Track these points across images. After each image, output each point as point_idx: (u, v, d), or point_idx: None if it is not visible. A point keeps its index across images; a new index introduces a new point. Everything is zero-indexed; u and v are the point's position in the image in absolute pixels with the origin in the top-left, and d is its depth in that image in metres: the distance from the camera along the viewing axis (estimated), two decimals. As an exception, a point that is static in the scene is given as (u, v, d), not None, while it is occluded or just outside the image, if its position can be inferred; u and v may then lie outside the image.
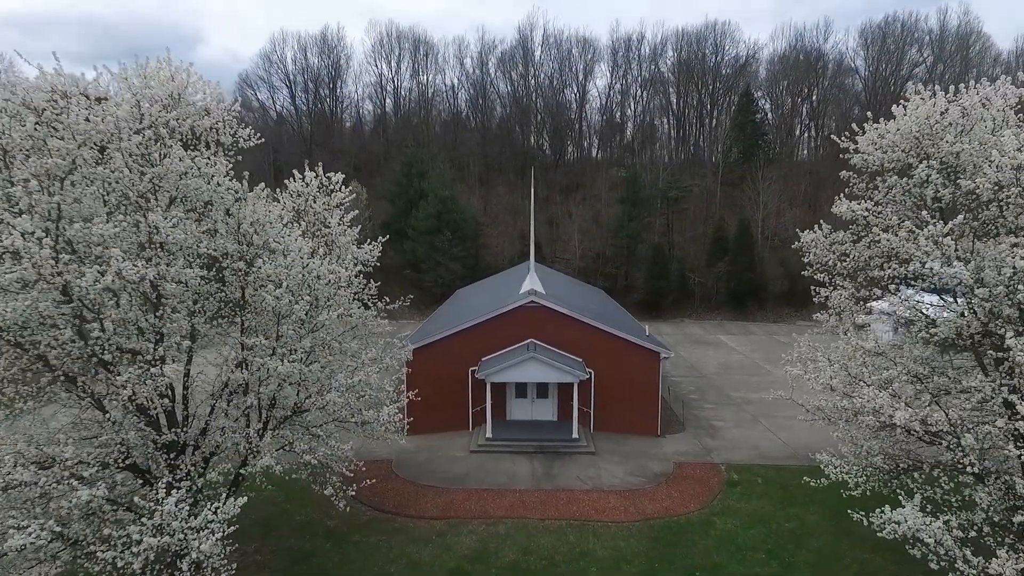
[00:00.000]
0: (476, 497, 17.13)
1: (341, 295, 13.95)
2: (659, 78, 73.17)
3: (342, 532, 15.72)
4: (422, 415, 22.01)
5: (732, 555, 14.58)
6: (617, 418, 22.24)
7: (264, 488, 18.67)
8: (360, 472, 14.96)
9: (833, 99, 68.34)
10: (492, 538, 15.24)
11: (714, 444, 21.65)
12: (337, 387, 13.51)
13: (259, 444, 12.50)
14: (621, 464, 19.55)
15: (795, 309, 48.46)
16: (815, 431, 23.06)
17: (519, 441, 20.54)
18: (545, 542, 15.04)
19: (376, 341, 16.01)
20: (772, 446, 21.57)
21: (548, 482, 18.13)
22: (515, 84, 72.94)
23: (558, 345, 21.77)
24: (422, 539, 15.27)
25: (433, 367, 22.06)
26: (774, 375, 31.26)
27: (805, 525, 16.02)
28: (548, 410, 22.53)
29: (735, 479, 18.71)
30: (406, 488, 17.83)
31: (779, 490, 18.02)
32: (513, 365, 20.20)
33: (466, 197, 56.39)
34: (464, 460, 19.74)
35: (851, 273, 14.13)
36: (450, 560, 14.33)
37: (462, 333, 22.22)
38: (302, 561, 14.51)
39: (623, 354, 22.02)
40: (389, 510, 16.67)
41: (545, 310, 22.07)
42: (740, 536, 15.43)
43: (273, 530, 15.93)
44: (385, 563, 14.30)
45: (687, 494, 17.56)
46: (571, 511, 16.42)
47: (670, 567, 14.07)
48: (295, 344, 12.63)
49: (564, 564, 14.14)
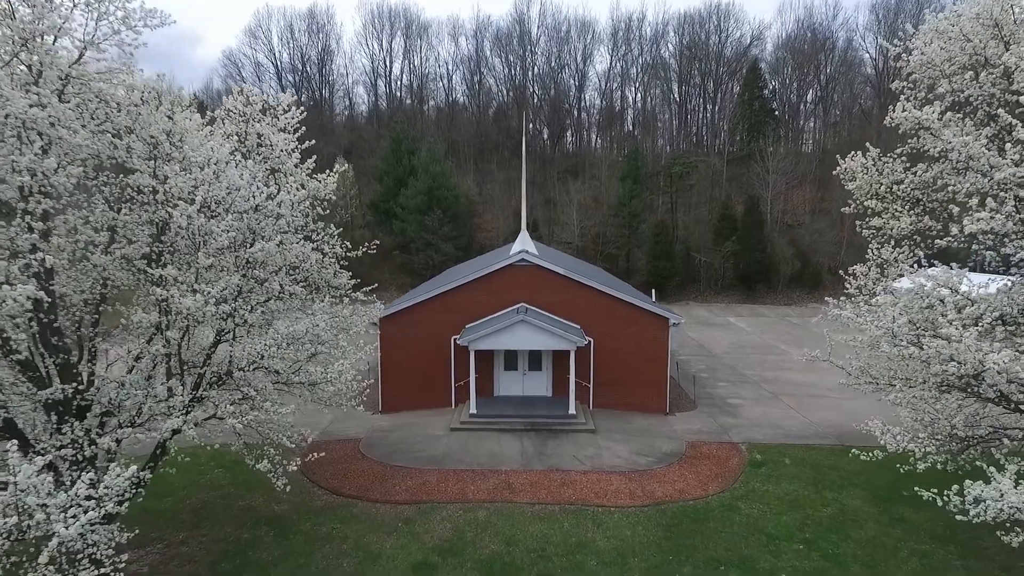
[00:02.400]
0: (453, 479, 14.45)
1: (280, 224, 11.29)
2: (661, 63, 70.37)
3: (290, 520, 13.05)
4: (398, 391, 19.36)
5: (763, 546, 11.90)
6: (620, 394, 19.55)
7: (205, 468, 16.09)
8: (308, 446, 12.30)
9: (842, 79, 65.63)
10: (469, 526, 12.57)
11: (731, 422, 18.97)
12: (274, 337, 10.86)
13: (171, 404, 9.83)
14: (625, 443, 16.86)
15: (807, 292, 45.80)
16: (844, 410, 20.49)
17: (507, 418, 17.84)
18: (534, 530, 12.36)
19: (334, 292, 13.35)
20: (797, 425, 18.89)
21: (539, 462, 15.45)
22: (511, 65, 70.25)
23: (553, 310, 19.10)
24: (385, 527, 12.60)
25: (410, 337, 19.39)
26: (790, 355, 28.64)
27: (846, 511, 13.35)
28: (542, 384, 19.84)
29: (758, 459, 16.04)
30: (372, 469, 15.15)
31: (810, 471, 15.36)
32: (501, 330, 17.52)
33: (461, 179, 53.71)
34: (443, 439, 17.05)
35: (911, 198, 11.43)
36: (416, 552, 11.66)
37: (443, 297, 19.52)
38: (236, 554, 11.83)
39: (627, 321, 19.34)
40: (349, 494, 14.00)
41: (538, 270, 19.38)
42: (770, 523, 12.76)
43: (209, 517, 13.26)
44: (336, 556, 11.62)
45: (704, 475, 14.88)
46: (566, 494, 13.74)
47: (688, 560, 11.39)
48: (219, 281, 9.94)
49: (557, 557, 11.46)
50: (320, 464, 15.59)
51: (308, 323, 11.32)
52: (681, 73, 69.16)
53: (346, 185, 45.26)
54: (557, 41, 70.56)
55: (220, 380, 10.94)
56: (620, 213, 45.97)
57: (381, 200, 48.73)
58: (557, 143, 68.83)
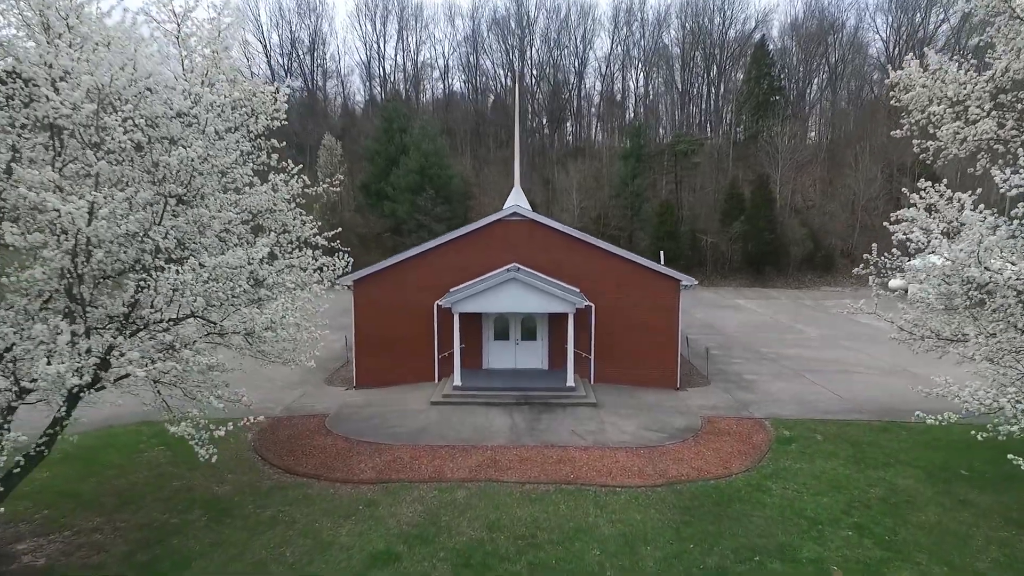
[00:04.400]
0: (429, 456, 12.25)
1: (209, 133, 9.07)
2: (663, 51, 68.05)
3: (231, 502, 10.85)
4: (375, 364, 17.17)
5: (804, 532, 9.69)
6: (625, 367, 17.34)
7: (147, 445, 13.91)
8: (267, 421, 10.10)
9: (851, 63, 63.37)
10: (445, 508, 10.36)
11: (751, 398, 16.76)
12: (195, 269, 8.64)
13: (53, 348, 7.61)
14: (632, 417, 14.65)
15: (819, 275, 43.59)
16: (878, 386, 18.26)
17: (496, 391, 15.63)
18: (523, 514, 10.16)
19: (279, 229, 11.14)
20: (826, 400, 16.69)
21: (532, 437, 13.24)
22: (509, 49, 67.97)
23: (550, 272, 16.89)
24: (342, 510, 10.39)
25: (388, 303, 17.19)
26: (808, 334, 26.51)
27: (897, 492, 11.13)
28: (536, 355, 17.62)
29: (787, 435, 13.84)
30: (335, 446, 12.95)
31: (848, 448, 13.15)
32: (489, 289, 15.30)
33: (457, 160, 51.46)
34: (422, 414, 14.84)
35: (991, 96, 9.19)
36: (377, 539, 9.45)
37: (425, 257, 17.32)
38: (158, 542, 9.62)
39: (633, 283, 17.12)
40: (305, 473, 11.79)
41: (533, 227, 17.18)
42: (809, 506, 10.54)
43: (135, 500, 11.04)
44: (278, 544, 9.41)
45: (725, 452, 12.67)
46: (562, 472, 11.53)
47: (713, 549, 9.17)
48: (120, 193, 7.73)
49: (550, 545, 9.25)
50: (277, 441, 13.43)
51: (243, 255, 9.08)
52: (684, 58, 66.92)
53: (334, 163, 43.04)
54: (556, 24, 68.41)
55: (132, 325, 8.74)
56: (622, 193, 43.73)
57: (372, 181, 46.48)
58: (557, 128, 66.61)
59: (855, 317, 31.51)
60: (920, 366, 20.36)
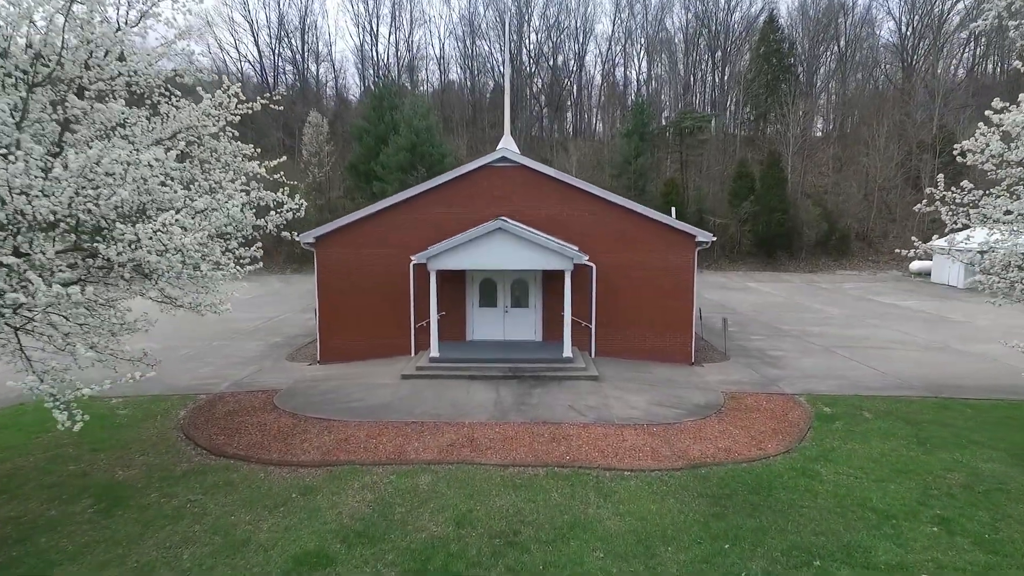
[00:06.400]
0: (390, 433, 9.88)
1: None
2: (666, 38, 65.43)
3: (131, 489, 8.49)
4: (341, 335, 14.84)
5: (875, 528, 7.31)
6: (630, 337, 14.98)
7: (52, 423, 11.54)
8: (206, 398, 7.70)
9: (864, 43, 60.85)
10: (402, 496, 8.00)
11: (778, 373, 14.39)
12: (39, 160, 6.25)
13: None
14: (641, 392, 12.28)
15: (833, 259, 41.15)
16: (922, 362, 15.89)
17: (481, 363, 13.25)
18: (504, 504, 7.79)
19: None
20: (866, 375, 14.31)
21: (519, 413, 10.86)
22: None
23: (544, 228, 14.50)
24: (270, 499, 8.03)
25: (356, 264, 14.84)
26: (829, 313, 24.12)
27: (983, 478, 8.75)
28: (528, 325, 15.24)
29: (828, 412, 11.47)
30: (278, 423, 10.58)
31: (905, 427, 10.77)
32: (471, 242, 12.94)
33: (451, 141, 49.05)
34: (390, 387, 12.47)
35: None
36: (307, 537, 7.08)
37: (399, 210, 14.94)
38: (19, 542, 7.25)
39: (640, 240, 14.75)
40: (234, 453, 9.43)
41: (524, 174, 14.80)
42: (874, 494, 8.17)
43: (10, 489, 8.68)
44: (177, 544, 7.05)
45: (757, 431, 10.30)
46: (556, 453, 9.16)
47: (757, 550, 6.80)
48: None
49: (538, 546, 6.88)
50: (211, 419, 11.08)
51: (124, 153, 6.68)
52: (687, 43, 64.36)
53: (319, 141, 40.65)
54: (556, 5, 65.85)
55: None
56: (624, 173, 41.31)
57: (360, 161, 44.05)
58: (556, 115, 64.14)
59: (877, 297, 29.13)
60: (963, 343, 18.07)
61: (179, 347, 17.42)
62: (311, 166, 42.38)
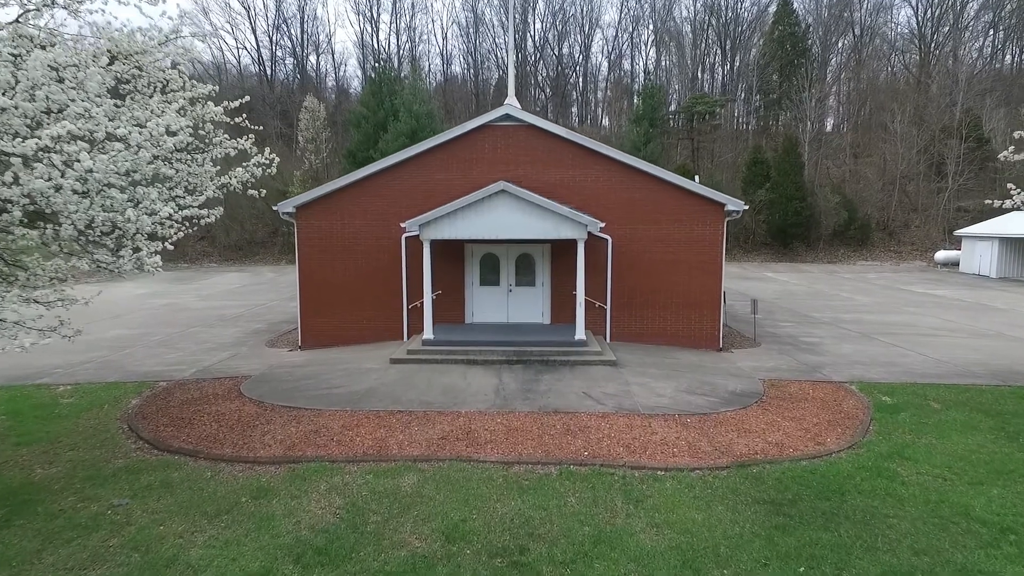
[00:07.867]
0: (371, 424, 8.22)
1: None
2: (675, 28, 63.46)
3: (46, 491, 6.86)
4: (324, 316, 13.22)
5: (990, 545, 5.61)
6: (650, 320, 13.30)
7: None
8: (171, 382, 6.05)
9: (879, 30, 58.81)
10: (379, 501, 6.33)
11: (819, 360, 12.68)
12: None
13: None
14: (667, 379, 10.58)
15: (853, 249, 39.27)
16: (976, 348, 14.09)
17: (481, 346, 11.56)
18: (506, 511, 6.12)
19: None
20: (918, 363, 12.57)
21: (525, 402, 9.19)
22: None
23: (554, 197, 12.80)
24: (215, 504, 6.38)
25: (342, 237, 13.22)
26: (859, 301, 22.36)
27: (1104, 479, 7.02)
28: (535, 306, 13.55)
29: (888, 402, 9.75)
30: (239, 412, 8.93)
31: (985, 418, 9.06)
32: (470, 207, 11.27)
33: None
34: (376, 373, 10.81)
35: None
36: (251, 555, 5.43)
37: (390, 175, 13.30)
38: None
39: (662, 210, 13.06)
40: (180, 448, 7.78)
41: (530, 134, 13.11)
42: (976, 501, 6.46)
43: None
44: (83, 565, 5.41)
45: (810, 423, 8.60)
46: (572, 448, 7.48)
47: (842, 575, 5.11)
48: None
49: (555, 568, 5.20)
50: (165, 408, 9.45)
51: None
52: (695, 33, 62.43)
53: (316, 127, 39.05)
54: None
55: None
56: (634, 159, 39.52)
57: (359, 148, 42.34)
58: (561, 101, 62.35)
59: (908, 286, 27.36)
60: (1015, 330, 16.34)
61: (152, 333, 15.87)
62: (308, 152, 40.77)
